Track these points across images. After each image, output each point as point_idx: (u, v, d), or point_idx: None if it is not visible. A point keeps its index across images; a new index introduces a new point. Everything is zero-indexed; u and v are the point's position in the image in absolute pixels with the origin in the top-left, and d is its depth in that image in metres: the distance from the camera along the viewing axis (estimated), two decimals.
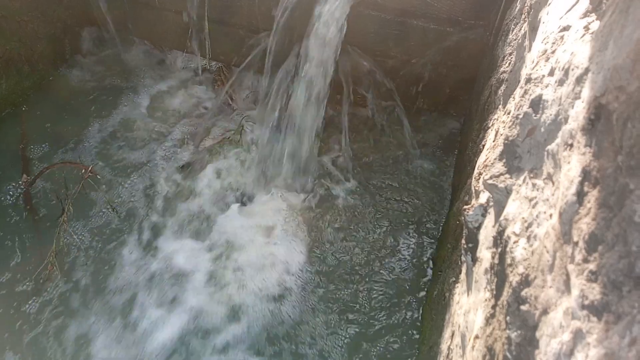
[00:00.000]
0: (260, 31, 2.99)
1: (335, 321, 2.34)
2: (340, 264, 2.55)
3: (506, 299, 1.06)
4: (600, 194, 0.77)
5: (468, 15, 2.66)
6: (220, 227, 2.63)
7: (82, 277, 2.38)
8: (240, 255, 2.52)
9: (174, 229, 2.61)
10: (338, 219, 2.72)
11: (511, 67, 1.88)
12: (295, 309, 2.36)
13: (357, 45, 2.85)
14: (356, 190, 2.85)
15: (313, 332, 2.29)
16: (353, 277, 2.50)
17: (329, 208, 2.77)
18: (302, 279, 2.47)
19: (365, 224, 2.71)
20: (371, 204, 2.80)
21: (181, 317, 2.28)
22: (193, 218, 2.67)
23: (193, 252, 2.52)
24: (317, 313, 2.36)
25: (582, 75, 0.93)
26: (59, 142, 2.91)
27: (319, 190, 2.83)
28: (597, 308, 0.72)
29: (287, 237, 2.61)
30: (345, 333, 2.31)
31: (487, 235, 1.34)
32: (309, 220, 2.70)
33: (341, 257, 2.57)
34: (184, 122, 3.14)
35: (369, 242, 2.63)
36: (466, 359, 1.33)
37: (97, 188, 2.66)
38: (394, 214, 2.76)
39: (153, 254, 2.50)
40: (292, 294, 2.41)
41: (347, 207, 2.77)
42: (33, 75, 3.10)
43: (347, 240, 2.64)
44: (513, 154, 1.24)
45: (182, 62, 3.46)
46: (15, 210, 2.58)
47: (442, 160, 3.02)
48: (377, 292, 2.45)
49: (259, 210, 2.73)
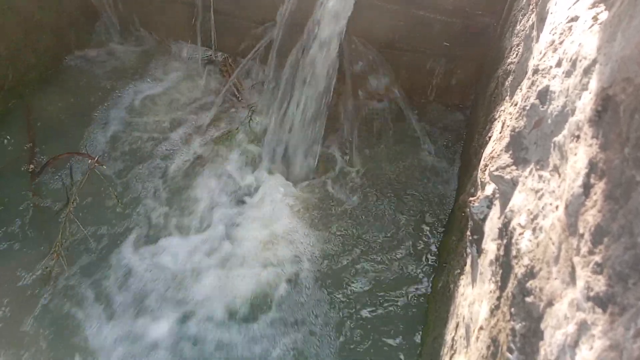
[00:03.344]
0: (265, 21, 2.98)
1: (338, 312, 2.36)
2: (341, 255, 2.55)
3: (511, 290, 1.06)
4: (606, 186, 0.77)
5: (475, 6, 2.64)
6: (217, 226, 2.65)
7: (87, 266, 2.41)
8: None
9: (174, 223, 2.63)
10: (340, 209, 2.73)
11: (518, 58, 1.86)
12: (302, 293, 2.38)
13: (362, 36, 2.84)
14: (359, 181, 2.85)
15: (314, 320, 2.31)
16: (355, 268, 2.51)
17: (331, 197, 2.77)
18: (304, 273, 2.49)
19: (369, 214, 2.71)
20: (376, 193, 2.79)
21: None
22: (194, 212, 2.68)
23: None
24: (320, 295, 2.38)
25: (590, 67, 0.93)
26: (65, 133, 2.92)
27: (323, 177, 2.84)
28: (602, 300, 0.72)
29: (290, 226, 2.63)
30: (349, 323, 2.32)
31: (492, 227, 1.34)
32: (312, 207, 2.71)
33: (342, 249, 2.58)
34: (189, 112, 3.14)
35: (373, 233, 2.64)
36: (470, 350, 1.34)
37: (103, 178, 2.67)
38: (398, 204, 2.76)
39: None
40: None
41: (348, 194, 2.78)
42: (39, 67, 3.10)
43: (349, 232, 2.64)
44: (519, 146, 1.24)
45: (188, 52, 3.45)
46: (21, 201, 2.60)
47: (447, 152, 3.02)
48: (381, 282, 2.45)
49: (260, 203, 2.74)
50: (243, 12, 3.03)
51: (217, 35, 3.19)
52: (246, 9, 3.01)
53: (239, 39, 3.14)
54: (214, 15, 3.08)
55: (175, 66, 3.40)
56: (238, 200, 2.75)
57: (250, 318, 2.30)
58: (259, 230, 2.61)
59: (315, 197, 2.77)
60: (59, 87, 3.15)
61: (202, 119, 3.09)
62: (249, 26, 3.06)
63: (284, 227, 2.62)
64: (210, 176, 2.82)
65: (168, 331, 2.24)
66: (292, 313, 2.33)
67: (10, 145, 2.82)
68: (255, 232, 2.59)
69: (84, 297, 2.31)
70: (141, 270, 2.41)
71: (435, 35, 2.78)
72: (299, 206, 2.72)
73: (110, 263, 2.43)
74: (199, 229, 2.60)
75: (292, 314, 2.33)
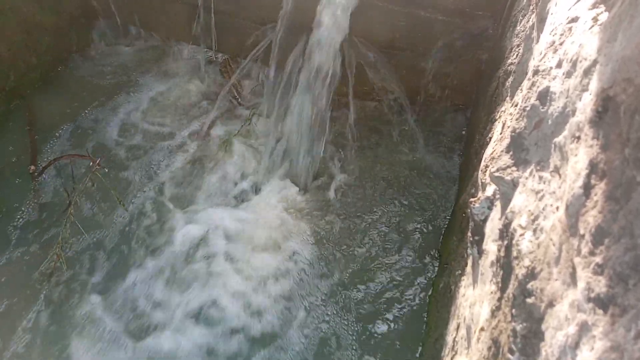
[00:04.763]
0: (266, 22, 2.98)
1: (338, 309, 2.36)
2: (342, 256, 2.55)
3: (512, 291, 1.06)
4: (607, 187, 0.77)
5: (476, 6, 2.64)
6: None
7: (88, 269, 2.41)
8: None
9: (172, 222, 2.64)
10: (340, 211, 2.73)
11: (519, 58, 1.86)
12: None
13: (362, 36, 2.84)
14: (359, 181, 2.85)
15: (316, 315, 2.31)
16: (355, 269, 2.50)
17: (331, 199, 2.77)
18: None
19: (370, 215, 2.71)
20: (376, 194, 2.79)
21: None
22: (194, 211, 2.69)
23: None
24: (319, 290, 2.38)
25: (590, 67, 0.92)
26: (67, 134, 2.93)
27: (323, 178, 2.85)
28: (603, 301, 0.72)
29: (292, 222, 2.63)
30: (350, 323, 2.32)
31: (493, 228, 1.34)
32: (311, 209, 2.71)
33: (343, 248, 2.58)
34: (190, 114, 3.14)
35: (373, 234, 2.64)
36: (471, 351, 1.33)
37: (104, 180, 2.67)
38: (399, 205, 2.76)
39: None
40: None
41: (349, 196, 2.78)
42: (40, 67, 3.11)
43: (349, 232, 2.64)
44: (520, 147, 1.24)
45: (188, 53, 3.46)
46: (22, 202, 2.60)
47: (448, 152, 3.01)
48: (382, 283, 2.45)
49: (259, 205, 2.74)
50: (244, 13, 3.03)
51: (217, 36, 3.19)
52: (247, 10, 3.01)
53: (240, 39, 3.13)
54: (215, 16, 3.08)
55: (176, 67, 3.40)
56: (237, 202, 2.75)
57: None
58: (256, 232, 2.61)
59: (315, 199, 2.77)
60: (60, 88, 3.16)
61: (203, 121, 3.09)
62: (250, 27, 3.06)
63: (282, 230, 2.62)
64: (210, 178, 2.82)
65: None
66: (290, 316, 2.33)
67: (11, 145, 2.82)
68: (252, 235, 2.60)
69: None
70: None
71: (435, 35, 2.78)
72: (298, 208, 2.72)
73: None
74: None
75: (291, 316, 2.33)
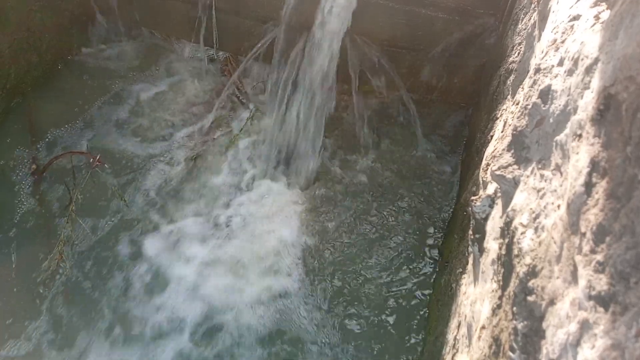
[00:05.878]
0: (268, 20, 2.98)
1: (340, 309, 2.36)
2: (341, 256, 2.55)
3: (513, 289, 1.06)
4: (608, 185, 0.77)
5: (477, 4, 2.64)
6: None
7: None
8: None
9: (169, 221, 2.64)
10: (341, 209, 2.73)
11: (520, 57, 1.86)
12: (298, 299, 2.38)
13: (363, 34, 2.84)
14: (361, 180, 2.85)
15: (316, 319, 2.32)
16: (356, 268, 2.51)
17: (331, 198, 2.77)
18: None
19: (370, 214, 2.71)
20: (377, 193, 2.79)
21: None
22: (194, 210, 2.69)
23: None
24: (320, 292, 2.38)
25: (592, 65, 0.92)
26: (68, 131, 2.93)
27: (324, 178, 2.85)
28: (604, 299, 0.72)
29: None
30: (350, 323, 2.32)
31: (494, 226, 1.34)
32: (312, 208, 2.71)
33: (343, 247, 2.58)
34: (191, 112, 3.14)
35: (373, 233, 2.64)
36: (472, 349, 1.34)
37: (105, 177, 2.68)
38: (400, 203, 2.75)
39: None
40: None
41: (349, 197, 2.78)
42: (41, 65, 3.11)
43: (350, 232, 2.64)
44: (521, 145, 1.24)
45: (190, 52, 3.46)
46: (24, 199, 2.60)
47: (449, 151, 3.01)
48: (383, 282, 2.45)
49: (259, 204, 2.75)
50: (245, 11, 3.03)
51: (218, 35, 3.19)
52: (248, 8, 3.01)
53: (241, 38, 3.13)
54: (216, 14, 3.08)
55: (177, 65, 3.40)
56: (236, 201, 2.75)
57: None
58: (254, 234, 2.62)
59: (316, 197, 2.77)
60: (61, 86, 3.16)
61: (204, 119, 3.09)
62: (251, 25, 3.06)
63: (281, 231, 2.63)
64: (210, 177, 2.82)
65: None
66: (290, 316, 2.34)
67: (13, 143, 2.82)
68: (250, 237, 2.61)
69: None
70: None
71: (437, 34, 2.78)
72: (299, 207, 2.72)
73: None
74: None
75: (290, 316, 2.34)
